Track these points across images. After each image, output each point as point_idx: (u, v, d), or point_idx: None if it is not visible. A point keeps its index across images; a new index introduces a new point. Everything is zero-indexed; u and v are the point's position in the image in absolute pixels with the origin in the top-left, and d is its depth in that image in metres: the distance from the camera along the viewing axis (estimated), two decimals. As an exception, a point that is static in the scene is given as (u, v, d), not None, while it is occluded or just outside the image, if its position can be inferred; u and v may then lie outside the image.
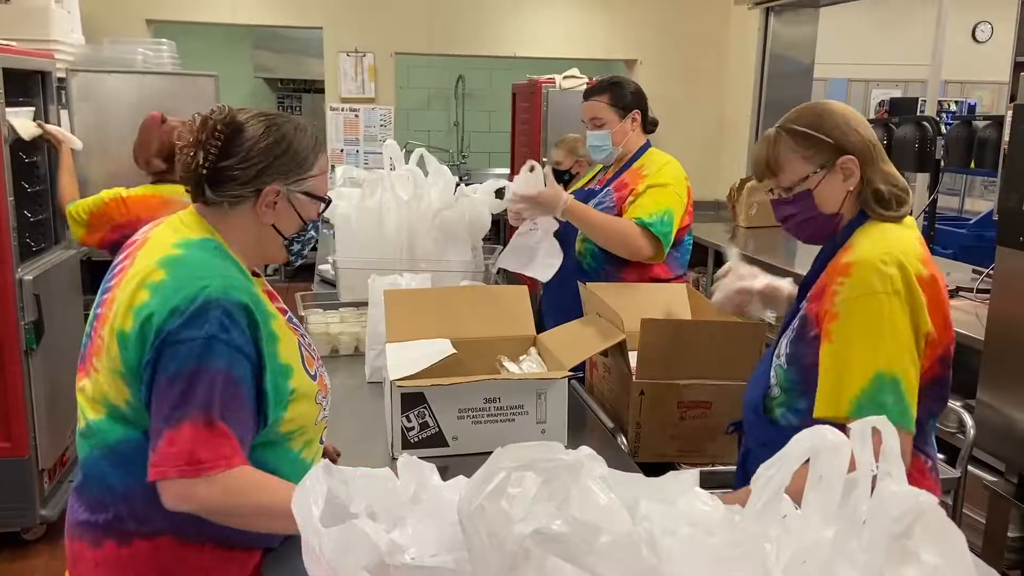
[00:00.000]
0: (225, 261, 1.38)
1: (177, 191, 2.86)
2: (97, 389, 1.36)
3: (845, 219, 1.54)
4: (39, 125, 3.14)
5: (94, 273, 3.59)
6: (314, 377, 1.45)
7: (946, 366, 1.48)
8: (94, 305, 1.42)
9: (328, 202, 1.49)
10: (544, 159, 3.69)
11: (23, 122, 3.10)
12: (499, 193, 2.74)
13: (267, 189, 1.39)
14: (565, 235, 2.67)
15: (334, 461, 1.61)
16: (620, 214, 2.58)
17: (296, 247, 1.48)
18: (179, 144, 1.39)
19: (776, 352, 1.58)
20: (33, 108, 3.23)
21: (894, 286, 1.39)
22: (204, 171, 1.36)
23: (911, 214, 1.54)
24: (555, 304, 2.77)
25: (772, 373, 1.57)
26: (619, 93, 2.67)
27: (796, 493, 0.83)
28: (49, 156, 3.34)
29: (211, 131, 1.36)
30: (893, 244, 1.45)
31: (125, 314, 1.31)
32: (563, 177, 3.49)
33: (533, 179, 2.51)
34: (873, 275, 1.40)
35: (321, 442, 1.51)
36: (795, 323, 1.55)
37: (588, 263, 2.65)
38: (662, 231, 2.50)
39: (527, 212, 2.56)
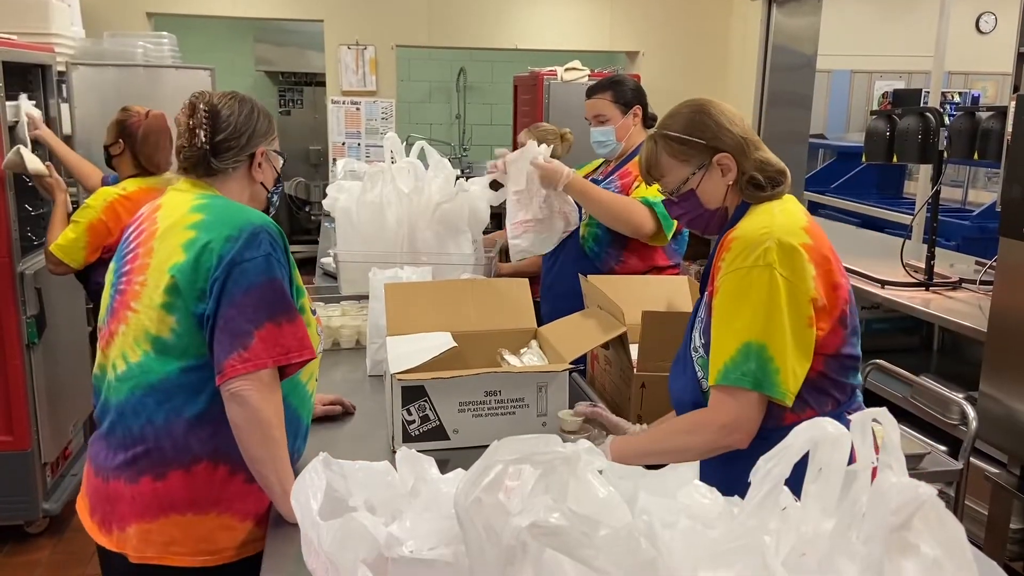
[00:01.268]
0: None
1: (162, 180, 2.90)
2: (138, 328, 1.53)
3: (731, 209, 1.62)
4: (48, 167, 3.08)
5: (96, 268, 3.58)
6: (314, 312, 1.71)
7: (846, 325, 1.52)
8: (113, 272, 1.63)
9: (285, 156, 1.79)
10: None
11: (34, 158, 3.05)
12: (493, 185, 2.75)
13: (257, 152, 1.67)
14: None
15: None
16: None
17: (275, 198, 1.77)
18: (179, 129, 1.64)
19: (692, 347, 1.61)
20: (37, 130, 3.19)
21: (766, 259, 1.44)
22: (207, 147, 1.62)
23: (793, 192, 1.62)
24: (554, 289, 2.83)
25: (696, 367, 1.60)
26: (620, 90, 2.74)
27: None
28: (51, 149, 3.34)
29: (202, 113, 1.62)
30: (776, 218, 1.51)
31: (174, 252, 1.52)
32: None
33: (541, 152, 2.56)
34: (747, 249, 1.47)
35: (315, 379, 1.73)
36: (702, 312, 1.60)
37: (590, 247, 2.71)
38: (664, 213, 2.52)
39: (541, 176, 2.54)
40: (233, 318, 1.48)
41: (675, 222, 2.56)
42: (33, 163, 3.02)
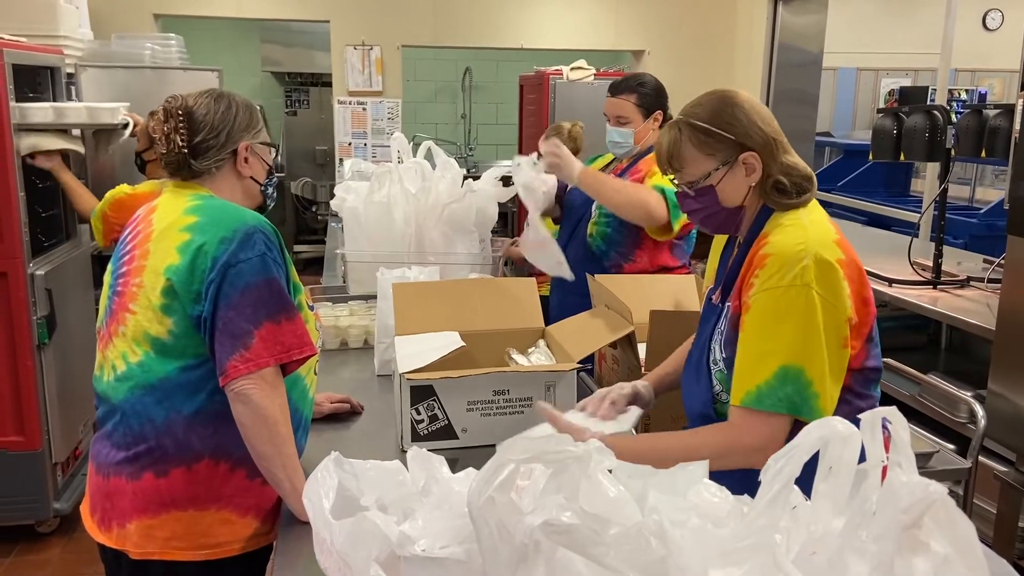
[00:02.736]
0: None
1: (158, 183, 2.95)
2: (136, 329, 1.54)
3: (750, 211, 1.54)
4: (30, 156, 3.11)
5: (105, 267, 3.62)
6: (312, 308, 1.72)
7: (870, 340, 1.48)
8: (111, 273, 1.64)
9: (276, 147, 1.75)
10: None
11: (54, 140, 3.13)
12: (505, 181, 2.74)
13: (240, 147, 1.65)
14: (579, 218, 2.71)
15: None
16: None
17: (270, 191, 1.76)
18: (156, 136, 1.64)
19: (712, 359, 1.55)
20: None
21: (804, 279, 1.38)
22: (185, 150, 1.61)
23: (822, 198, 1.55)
24: (562, 286, 2.81)
25: (714, 380, 1.55)
26: (645, 93, 2.71)
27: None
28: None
29: (176, 118, 1.61)
30: (809, 231, 1.44)
31: (169, 253, 1.53)
32: None
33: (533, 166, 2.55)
34: (785, 267, 1.40)
35: (315, 373, 1.74)
36: (723, 325, 1.53)
37: (598, 246, 2.71)
38: (675, 202, 2.45)
39: (551, 163, 2.53)
40: (232, 319, 1.49)
41: (681, 213, 2.54)
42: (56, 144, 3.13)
